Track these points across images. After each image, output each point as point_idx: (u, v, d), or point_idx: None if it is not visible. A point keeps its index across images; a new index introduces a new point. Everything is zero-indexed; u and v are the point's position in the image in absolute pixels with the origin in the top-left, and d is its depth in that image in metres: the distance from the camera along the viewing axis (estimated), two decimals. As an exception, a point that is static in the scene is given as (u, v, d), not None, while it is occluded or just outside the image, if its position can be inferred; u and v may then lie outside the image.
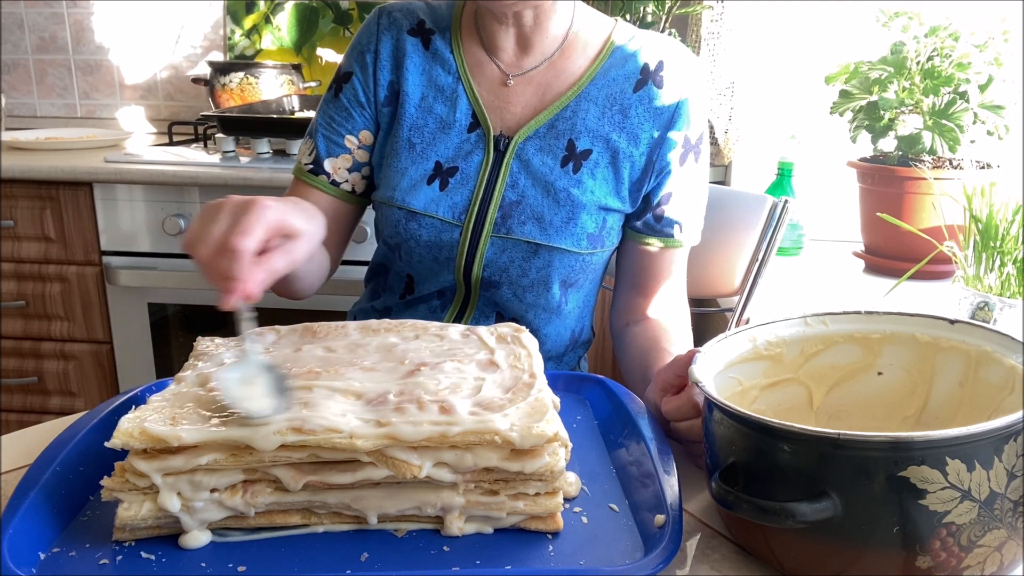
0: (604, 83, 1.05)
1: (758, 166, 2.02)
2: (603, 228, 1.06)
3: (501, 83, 1.06)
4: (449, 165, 1.05)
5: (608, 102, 1.05)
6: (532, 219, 1.03)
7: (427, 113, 1.06)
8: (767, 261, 1.39)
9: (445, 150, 1.05)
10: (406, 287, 1.12)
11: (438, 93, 1.06)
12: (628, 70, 1.05)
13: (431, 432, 0.60)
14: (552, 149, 1.04)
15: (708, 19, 1.96)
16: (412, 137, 1.06)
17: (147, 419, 0.61)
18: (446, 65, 1.07)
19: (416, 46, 1.07)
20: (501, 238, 1.03)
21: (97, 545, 0.62)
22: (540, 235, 1.03)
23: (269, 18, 2.44)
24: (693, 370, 0.67)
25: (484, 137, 1.05)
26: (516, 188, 1.04)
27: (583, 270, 1.07)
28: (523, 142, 1.04)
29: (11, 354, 2.08)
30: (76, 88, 2.57)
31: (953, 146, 1.53)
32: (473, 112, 1.06)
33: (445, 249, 1.05)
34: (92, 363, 2.06)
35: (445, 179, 1.05)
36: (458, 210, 1.04)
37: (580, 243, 1.04)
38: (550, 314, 1.10)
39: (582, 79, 1.05)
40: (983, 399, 0.68)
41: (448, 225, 1.04)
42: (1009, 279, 1.13)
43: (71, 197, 1.94)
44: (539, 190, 1.03)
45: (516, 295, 1.07)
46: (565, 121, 1.04)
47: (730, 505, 0.58)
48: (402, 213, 1.05)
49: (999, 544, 0.55)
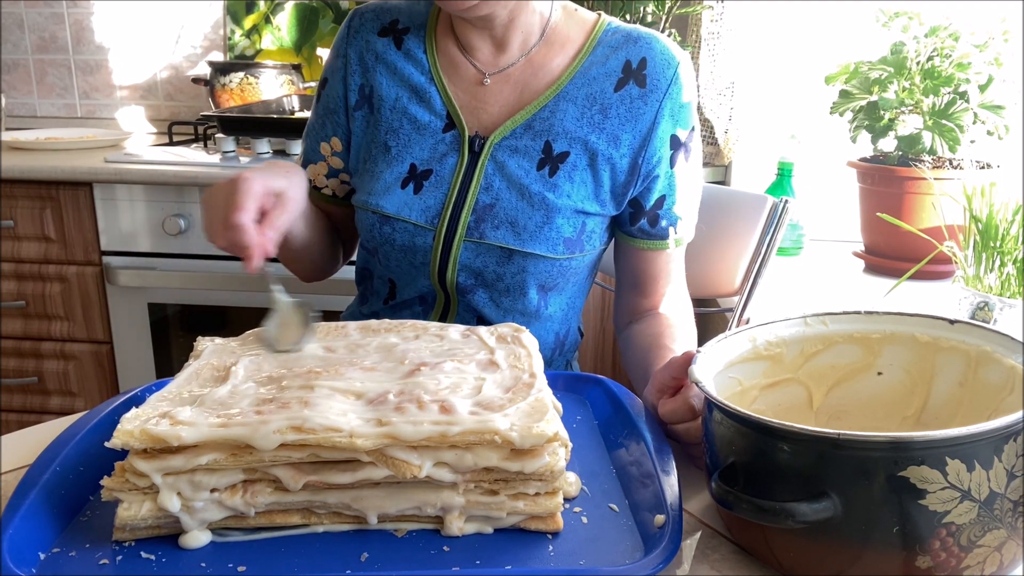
0: (584, 81, 1.02)
1: (758, 166, 2.02)
2: (582, 232, 1.03)
3: (477, 82, 1.04)
4: (424, 168, 1.03)
5: (588, 101, 1.01)
6: (506, 223, 1.00)
7: (401, 115, 1.04)
8: (767, 261, 1.39)
9: (420, 152, 1.03)
10: (389, 292, 1.11)
11: (412, 94, 1.04)
12: (609, 68, 1.02)
13: (431, 432, 0.60)
14: (528, 151, 1.01)
15: (708, 19, 1.96)
16: (388, 140, 1.04)
17: (147, 419, 0.61)
18: (419, 65, 1.05)
19: (387, 46, 1.05)
20: (474, 242, 1.01)
21: (97, 545, 0.62)
22: (514, 240, 1.00)
23: (269, 18, 2.44)
24: (693, 370, 0.67)
25: (459, 138, 1.03)
26: (490, 191, 1.01)
27: (561, 275, 1.05)
28: (499, 143, 1.01)
29: (11, 354, 2.08)
30: (76, 88, 2.57)
31: (953, 146, 1.53)
32: (448, 112, 1.03)
33: (419, 254, 1.03)
34: (92, 363, 2.06)
35: (419, 182, 1.03)
36: (431, 213, 1.02)
37: (556, 248, 1.01)
38: (529, 319, 1.07)
39: (561, 77, 1.02)
40: (983, 399, 0.68)
41: (421, 229, 1.02)
42: (1009, 279, 1.13)
43: (71, 197, 1.94)
44: (514, 193, 1.01)
45: (492, 300, 1.05)
46: (542, 122, 1.01)
47: (730, 505, 0.58)
48: (376, 217, 1.03)
49: (999, 544, 0.55)
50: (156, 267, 1.95)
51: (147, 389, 0.84)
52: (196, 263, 1.94)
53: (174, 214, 1.90)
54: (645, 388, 0.85)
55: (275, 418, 0.61)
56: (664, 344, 1.00)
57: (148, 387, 0.84)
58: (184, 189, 1.90)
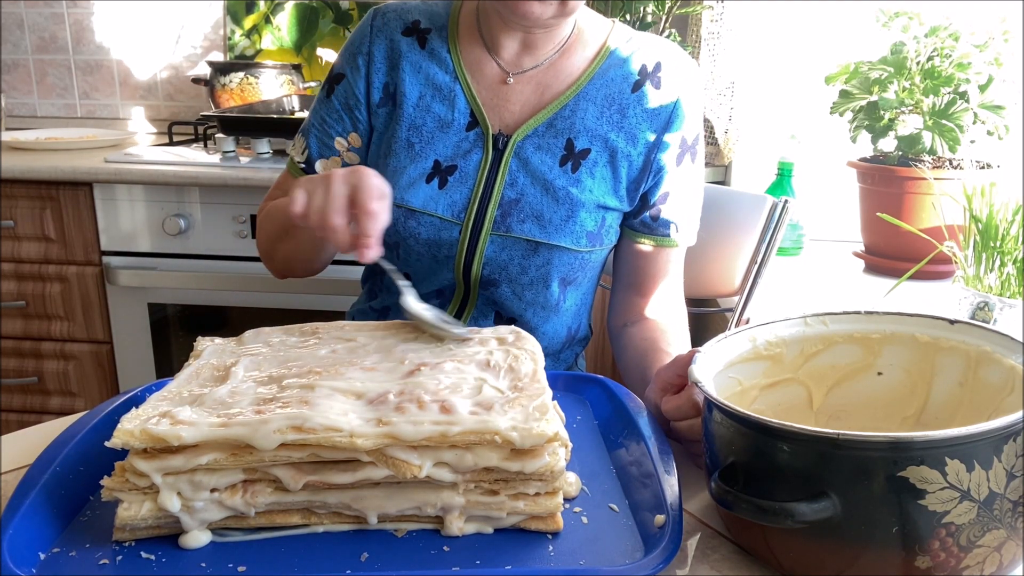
0: (603, 83, 1.06)
1: (758, 166, 2.02)
2: (602, 226, 1.07)
3: (500, 81, 1.07)
4: (448, 164, 1.05)
5: (607, 102, 1.05)
6: (531, 217, 1.03)
7: (425, 112, 1.06)
8: (767, 261, 1.39)
9: (444, 149, 1.06)
10: None
11: (436, 92, 1.06)
12: (626, 71, 1.06)
13: (431, 432, 0.60)
14: (551, 148, 1.05)
15: (708, 19, 1.96)
16: (411, 137, 1.06)
17: (147, 419, 0.61)
18: (443, 64, 1.07)
19: (411, 46, 1.08)
20: (501, 236, 1.04)
21: (97, 545, 0.62)
22: (540, 233, 1.03)
23: (269, 18, 2.44)
24: (693, 370, 0.67)
25: (483, 136, 1.05)
26: (515, 186, 1.04)
27: (582, 268, 1.08)
28: (522, 141, 1.05)
29: (11, 354, 2.08)
30: (76, 88, 2.57)
31: (953, 146, 1.53)
32: (471, 111, 1.06)
33: (444, 247, 1.05)
34: (92, 363, 2.06)
35: (444, 177, 1.05)
36: (457, 208, 1.04)
37: (580, 241, 1.04)
38: (548, 312, 1.10)
39: (581, 79, 1.06)
40: (983, 399, 0.68)
41: (447, 223, 1.04)
42: (1009, 279, 1.13)
43: (71, 197, 1.94)
44: (538, 188, 1.04)
45: (515, 293, 1.07)
46: (564, 120, 1.05)
47: (729, 505, 0.58)
48: (401, 211, 1.05)
49: (998, 544, 0.55)
50: (156, 267, 1.95)
51: (147, 389, 0.84)
52: (196, 263, 1.94)
53: (174, 214, 1.90)
54: (647, 389, 0.85)
55: (275, 418, 0.61)
56: (662, 348, 1.02)
57: (148, 387, 0.84)
58: (184, 189, 1.90)
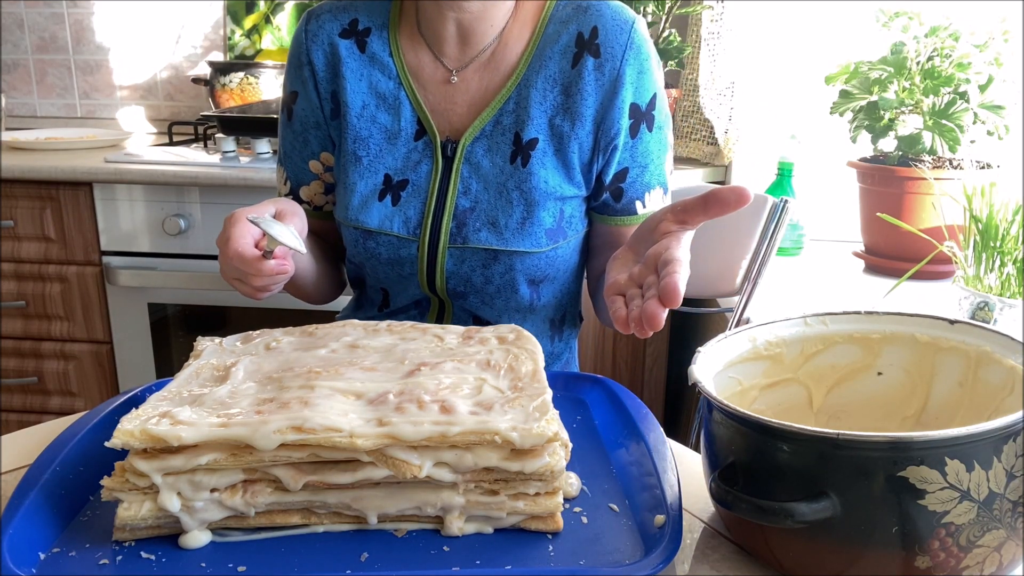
0: (540, 65, 0.99)
1: (758, 166, 2.02)
2: (561, 220, 1.01)
3: (445, 81, 1.01)
4: (399, 178, 1.01)
5: (548, 84, 0.99)
6: (487, 225, 0.99)
7: (371, 123, 1.01)
8: (767, 261, 1.39)
9: (393, 161, 1.01)
10: (383, 300, 1.10)
11: (380, 101, 1.01)
12: (562, 44, 0.98)
13: (431, 432, 0.60)
14: (500, 147, 0.99)
15: (708, 19, 1.96)
16: (357, 149, 1.02)
17: (147, 419, 0.61)
18: (385, 69, 1.01)
19: (351, 50, 1.02)
20: (459, 248, 1.00)
21: (97, 545, 0.62)
22: (496, 240, 0.99)
23: (269, 18, 2.44)
24: (692, 370, 0.67)
25: (431, 144, 1.01)
26: (469, 194, 1.00)
27: (550, 265, 1.02)
28: (471, 145, 1.00)
29: (11, 354, 2.08)
30: (76, 88, 2.57)
31: (953, 146, 1.53)
32: (418, 118, 1.01)
33: (406, 265, 1.02)
34: (92, 363, 2.06)
35: (396, 193, 1.01)
36: (412, 224, 1.00)
37: (539, 242, 1.00)
38: (524, 313, 1.06)
39: (519, 66, 1.00)
40: (983, 399, 0.68)
41: (404, 241, 1.01)
42: (1009, 279, 1.13)
43: (71, 197, 1.94)
44: (492, 193, 0.99)
45: (484, 302, 1.04)
46: (508, 115, 0.99)
47: (729, 505, 0.58)
48: (358, 232, 1.02)
49: (998, 544, 0.55)
50: (156, 267, 1.94)
51: (147, 389, 0.84)
52: (196, 263, 1.94)
53: (174, 214, 1.90)
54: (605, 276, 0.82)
55: (275, 418, 0.61)
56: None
57: (148, 387, 0.84)
58: (184, 189, 1.90)
